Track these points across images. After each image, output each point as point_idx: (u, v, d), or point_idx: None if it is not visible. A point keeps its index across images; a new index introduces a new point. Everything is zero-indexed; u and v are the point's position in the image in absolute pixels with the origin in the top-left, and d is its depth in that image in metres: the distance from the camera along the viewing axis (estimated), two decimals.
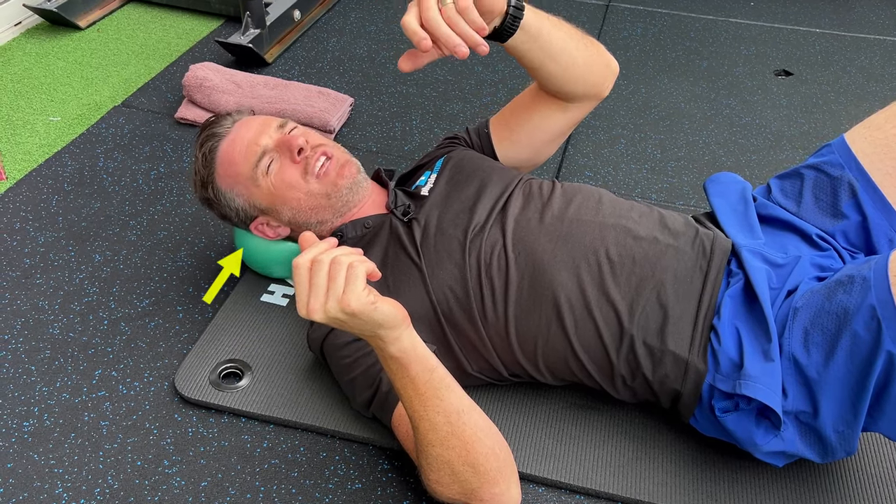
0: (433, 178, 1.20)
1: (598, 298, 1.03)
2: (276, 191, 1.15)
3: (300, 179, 1.14)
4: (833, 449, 0.96)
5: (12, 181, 1.62)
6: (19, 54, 2.10)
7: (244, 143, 1.15)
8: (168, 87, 1.96)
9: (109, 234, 1.48)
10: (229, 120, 1.20)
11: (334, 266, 0.81)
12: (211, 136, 1.18)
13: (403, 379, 0.90)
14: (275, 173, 1.14)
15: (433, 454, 0.93)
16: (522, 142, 1.26)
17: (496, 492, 0.94)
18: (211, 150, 1.18)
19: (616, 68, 1.20)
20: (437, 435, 0.91)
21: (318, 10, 2.35)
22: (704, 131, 1.86)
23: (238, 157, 1.15)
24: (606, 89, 1.21)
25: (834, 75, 2.11)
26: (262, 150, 1.14)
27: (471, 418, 0.93)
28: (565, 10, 2.42)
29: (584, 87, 1.17)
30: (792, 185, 1.17)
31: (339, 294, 0.81)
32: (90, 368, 1.22)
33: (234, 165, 1.16)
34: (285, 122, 1.18)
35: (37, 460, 1.09)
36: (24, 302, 1.33)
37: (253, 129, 1.16)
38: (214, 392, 1.16)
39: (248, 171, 1.14)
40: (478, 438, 0.92)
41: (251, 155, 1.14)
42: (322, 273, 0.81)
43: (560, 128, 1.25)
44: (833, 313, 0.94)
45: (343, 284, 0.81)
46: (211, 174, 1.18)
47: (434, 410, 0.91)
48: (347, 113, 1.84)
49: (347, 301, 0.81)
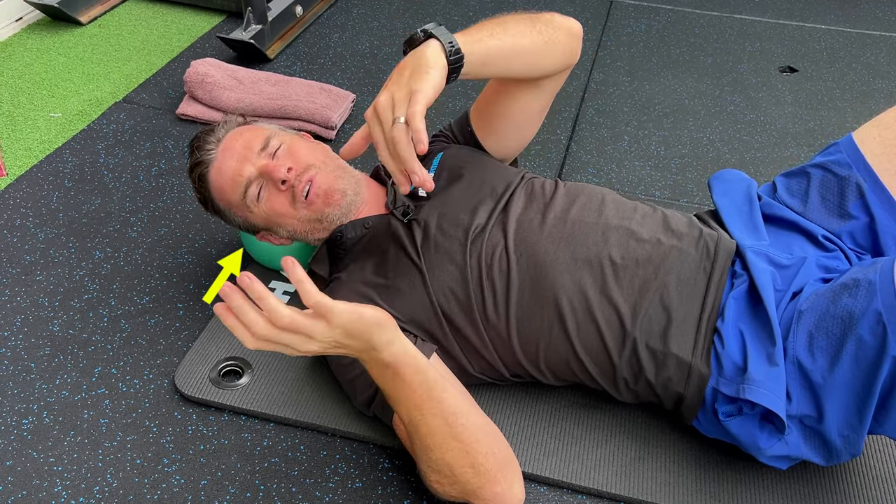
0: (430, 177, 1.19)
1: (600, 301, 1.02)
2: (269, 217, 1.14)
3: (289, 207, 1.12)
4: (838, 452, 0.95)
5: (13, 177, 1.62)
6: (20, 50, 2.09)
7: (229, 174, 1.13)
8: (169, 83, 1.96)
9: (110, 231, 1.48)
10: (213, 140, 1.17)
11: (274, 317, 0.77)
12: (198, 165, 1.16)
13: (398, 385, 0.89)
14: (265, 201, 1.13)
15: (433, 458, 0.92)
16: (506, 131, 1.23)
17: (498, 491, 0.93)
18: (201, 178, 1.17)
19: (578, 30, 1.13)
20: (436, 439, 0.91)
21: (321, 6, 2.34)
22: (709, 128, 1.85)
23: (226, 186, 1.14)
24: (576, 55, 1.15)
25: (839, 72, 2.09)
26: (247, 180, 1.12)
27: (469, 419, 0.92)
28: (569, 6, 2.40)
29: (553, 65, 1.12)
30: (798, 184, 1.16)
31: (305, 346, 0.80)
32: (90, 366, 1.22)
33: (224, 194, 1.15)
34: (268, 139, 1.13)
35: (36, 458, 1.08)
36: (23, 299, 1.33)
37: (235, 155, 1.13)
38: (214, 390, 1.16)
39: (238, 199, 1.14)
40: (477, 439, 0.92)
41: (237, 186, 1.13)
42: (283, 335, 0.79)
43: (540, 105, 1.21)
44: (838, 317, 0.93)
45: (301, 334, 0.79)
46: (208, 195, 1.18)
47: (431, 413, 0.90)
48: (349, 109, 1.83)
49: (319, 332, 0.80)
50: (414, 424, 0.91)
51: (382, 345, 0.85)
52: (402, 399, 0.90)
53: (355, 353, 0.86)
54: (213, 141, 1.16)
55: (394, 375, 0.88)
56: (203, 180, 1.16)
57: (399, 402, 0.91)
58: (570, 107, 1.90)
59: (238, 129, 1.18)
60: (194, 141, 1.19)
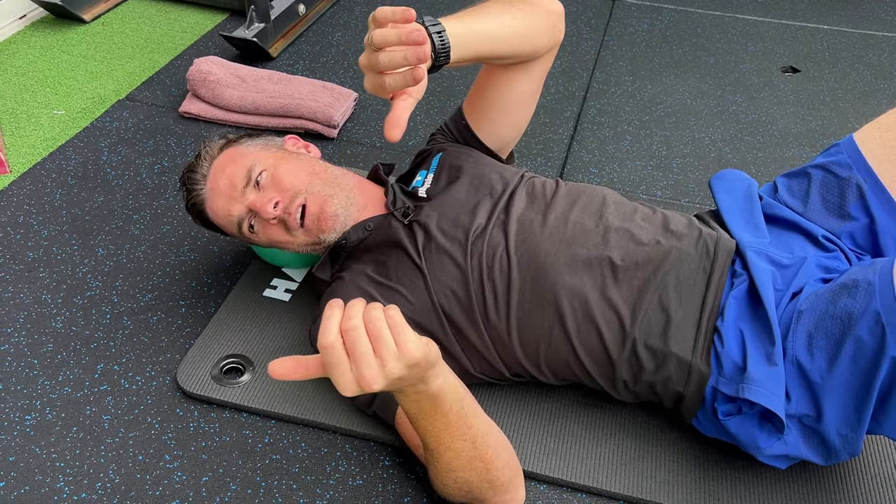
0: (430, 178, 1.19)
1: (600, 302, 1.03)
2: (267, 241, 1.17)
3: (286, 235, 1.14)
4: (837, 452, 0.95)
5: (16, 174, 1.62)
6: (24, 47, 2.10)
7: (221, 214, 1.15)
8: (172, 81, 1.96)
9: (113, 229, 1.48)
10: (199, 178, 1.18)
11: (372, 324, 0.71)
12: (193, 206, 1.20)
13: (434, 415, 0.84)
14: (261, 232, 1.14)
15: (452, 477, 0.91)
16: (500, 118, 1.23)
17: (507, 498, 0.95)
18: (201, 215, 1.20)
19: (559, 8, 1.13)
20: (461, 461, 0.90)
21: (323, 5, 2.34)
22: (710, 128, 1.85)
23: (222, 222, 1.17)
24: (560, 33, 1.15)
25: (842, 72, 2.09)
26: (238, 219, 1.14)
27: (490, 438, 0.91)
28: (571, 5, 2.40)
29: (537, 46, 1.12)
30: (799, 185, 1.16)
31: (395, 350, 0.71)
32: (92, 362, 1.22)
33: (224, 228, 1.19)
34: (250, 170, 1.11)
35: (38, 454, 1.09)
36: (27, 295, 1.33)
37: (223, 196, 1.13)
38: (216, 387, 1.16)
39: (234, 230, 1.17)
40: (497, 455, 0.92)
41: (231, 225, 1.16)
42: (362, 339, 0.70)
43: (531, 88, 1.20)
44: (837, 318, 0.93)
45: (392, 337, 0.71)
46: (210, 224, 1.22)
47: (461, 439, 0.88)
48: (352, 108, 1.84)
49: (410, 351, 0.71)
50: (441, 450, 0.89)
51: (431, 378, 0.79)
52: (436, 429, 0.86)
53: (405, 384, 0.77)
54: (200, 178, 1.18)
55: (433, 407, 0.83)
56: (203, 217, 1.20)
57: (429, 430, 0.87)
58: (572, 106, 1.90)
59: (220, 160, 1.16)
60: (183, 179, 1.21)
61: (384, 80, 0.85)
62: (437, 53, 0.93)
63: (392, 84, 0.84)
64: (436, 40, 0.92)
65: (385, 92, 0.86)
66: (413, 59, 0.82)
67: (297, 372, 0.73)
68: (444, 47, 0.93)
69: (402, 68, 0.83)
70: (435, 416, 0.85)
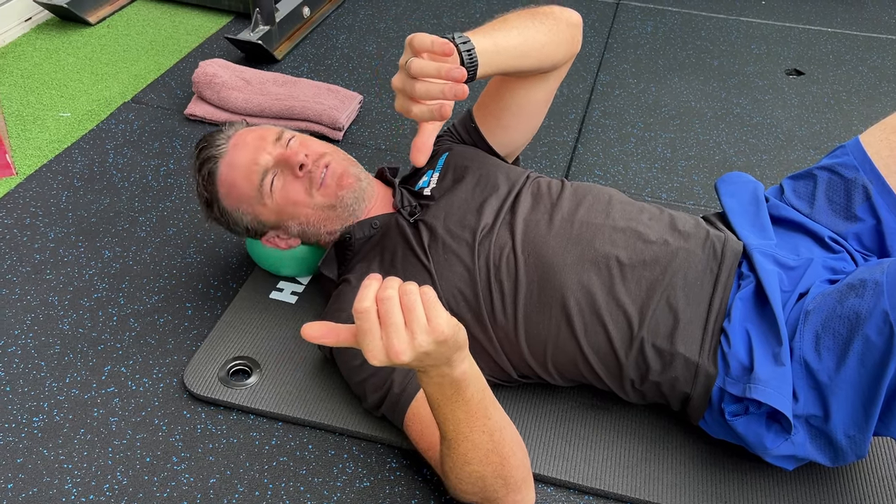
0: (436, 178, 1.20)
1: (607, 302, 1.03)
2: (282, 209, 1.15)
3: (305, 196, 1.13)
4: (844, 453, 0.95)
5: (22, 177, 1.63)
6: (29, 50, 2.10)
7: (244, 165, 1.13)
8: (178, 83, 1.97)
9: (119, 231, 1.49)
10: (222, 137, 1.17)
11: (407, 297, 0.72)
12: (208, 160, 1.16)
13: (456, 402, 0.84)
14: (279, 191, 1.13)
15: (468, 471, 0.91)
16: (512, 124, 1.24)
17: (518, 498, 0.95)
18: (210, 174, 1.16)
19: (578, 20, 1.16)
20: (478, 453, 0.89)
21: (328, 7, 2.34)
22: (715, 130, 1.85)
23: (239, 179, 1.14)
24: (577, 44, 1.17)
25: (846, 75, 2.09)
26: (263, 169, 1.13)
27: (506, 433, 0.91)
28: (575, 8, 2.40)
29: (557, 58, 1.14)
30: (805, 187, 1.16)
31: (425, 324, 0.72)
32: (99, 364, 1.23)
33: (235, 188, 1.15)
34: (282, 132, 1.16)
35: (46, 455, 1.09)
36: (34, 297, 1.34)
37: (250, 147, 1.14)
38: (223, 389, 1.17)
39: (251, 192, 1.14)
40: (513, 452, 0.92)
41: (253, 175, 1.13)
42: (395, 309, 0.72)
43: (545, 95, 1.22)
44: (845, 317, 0.94)
45: (424, 312, 0.73)
46: (214, 196, 1.18)
47: (480, 430, 0.88)
48: (356, 110, 1.84)
49: (440, 327, 0.73)
50: (458, 440, 0.89)
51: (457, 361, 0.80)
52: (456, 417, 0.86)
53: (431, 362, 0.77)
54: (223, 138, 1.17)
55: (455, 392, 0.83)
56: (211, 178, 1.16)
57: (449, 419, 0.87)
58: (576, 108, 1.91)
59: (246, 128, 1.20)
60: (201, 141, 1.19)
61: (412, 107, 0.87)
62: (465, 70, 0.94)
63: (419, 114, 0.87)
64: (465, 58, 0.94)
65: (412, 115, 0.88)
66: (450, 95, 0.84)
67: (327, 337, 0.75)
68: (472, 64, 0.95)
69: (435, 101, 0.85)
70: (456, 403, 0.85)
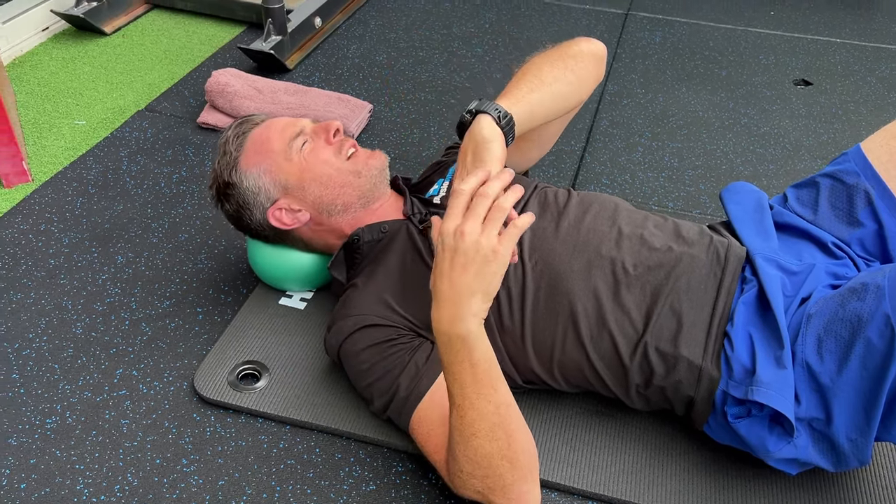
0: (446, 186, 1.21)
1: (613, 308, 1.04)
2: (307, 165, 1.16)
3: (332, 157, 1.17)
4: (846, 457, 0.96)
5: (38, 183, 1.65)
6: (46, 59, 2.14)
7: (281, 124, 1.19)
8: (191, 92, 1.99)
9: (132, 237, 1.51)
10: (261, 117, 1.24)
11: (497, 208, 0.84)
12: (245, 123, 1.22)
13: (463, 363, 0.89)
14: (308, 151, 1.17)
15: (474, 445, 0.91)
16: (526, 148, 1.28)
17: (525, 489, 0.94)
18: (243, 133, 1.20)
19: (602, 52, 1.21)
20: (484, 425, 0.91)
21: (339, 18, 2.37)
22: (722, 140, 1.86)
23: (274, 134, 1.18)
24: (602, 75, 1.23)
25: (854, 85, 2.10)
26: (300, 129, 1.18)
27: (512, 411, 0.93)
28: (584, 19, 2.43)
29: (585, 96, 1.22)
30: (808, 194, 1.17)
31: (496, 234, 0.84)
32: (111, 368, 1.24)
33: (267, 143, 1.18)
34: (315, 119, 1.23)
35: (59, 456, 1.11)
36: (48, 301, 1.36)
37: (287, 118, 1.22)
38: (232, 393, 1.18)
39: (282, 146, 1.17)
40: (519, 430, 0.93)
41: (288, 130, 1.18)
42: (486, 203, 0.84)
43: (564, 122, 1.28)
44: (846, 320, 0.94)
45: (499, 225, 0.84)
46: (237, 157, 1.18)
47: (486, 399, 0.90)
48: (366, 119, 1.86)
49: (504, 241, 0.84)
50: (465, 406, 0.91)
51: (482, 310, 0.87)
52: (463, 379, 0.89)
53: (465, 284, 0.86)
54: (259, 118, 1.23)
55: (463, 349, 0.88)
56: (243, 136, 1.19)
57: (457, 381, 0.90)
58: (584, 118, 1.92)
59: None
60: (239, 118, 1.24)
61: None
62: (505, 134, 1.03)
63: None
64: (500, 120, 1.03)
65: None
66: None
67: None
68: (509, 126, 1.04)
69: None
70: (463, 364, 0.89)
